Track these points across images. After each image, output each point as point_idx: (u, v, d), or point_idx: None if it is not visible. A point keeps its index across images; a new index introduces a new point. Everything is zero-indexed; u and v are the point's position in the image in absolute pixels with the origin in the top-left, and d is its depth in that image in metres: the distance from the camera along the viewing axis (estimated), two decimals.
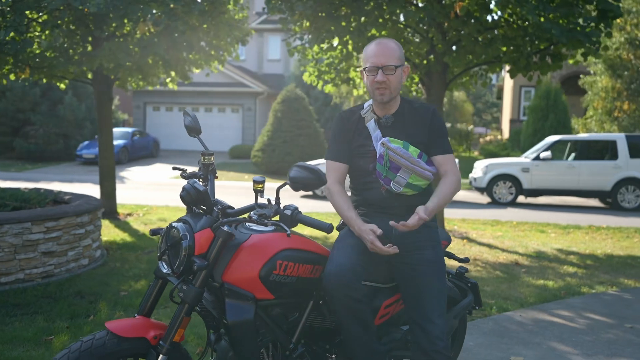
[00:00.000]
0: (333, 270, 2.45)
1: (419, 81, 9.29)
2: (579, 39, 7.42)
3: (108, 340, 2.19)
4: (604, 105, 21.29)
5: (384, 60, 2.67)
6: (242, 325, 2.31)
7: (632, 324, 4.77)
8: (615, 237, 9.69)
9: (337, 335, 2.72)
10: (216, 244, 2.28)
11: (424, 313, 2.61)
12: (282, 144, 20.01)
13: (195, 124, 2.68)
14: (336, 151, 2.84)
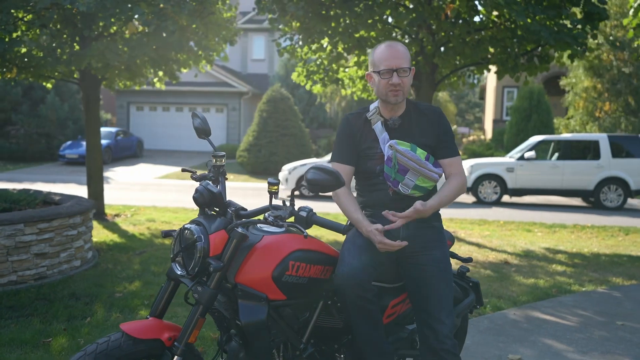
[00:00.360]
0: (345, 271, 2.48)
1: None
2: (567, 41, 7.54)
3: (123, 342, 2.19)
4: (585, 105, 21.60)
5: (399, 63, 2.70)
6: (255, 326, 2.32)
7: (623, 322, 4.86)
8: (600, 235, 9.84)
9: (345, 335, 2.74)
10: (230, 246, 2.30)
11: (432, 312, 2.64)
12: (268, 144, 20.00)
13: (205, 126, 2.69)
14: (342, 154, 2.87)
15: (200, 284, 2.31)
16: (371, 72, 2.81)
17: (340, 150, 2.88)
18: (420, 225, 2.76)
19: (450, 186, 2.77)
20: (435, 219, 2.86)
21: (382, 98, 2.81)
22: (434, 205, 2.65)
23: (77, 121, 23.44)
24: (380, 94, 2.80)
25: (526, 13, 7.07)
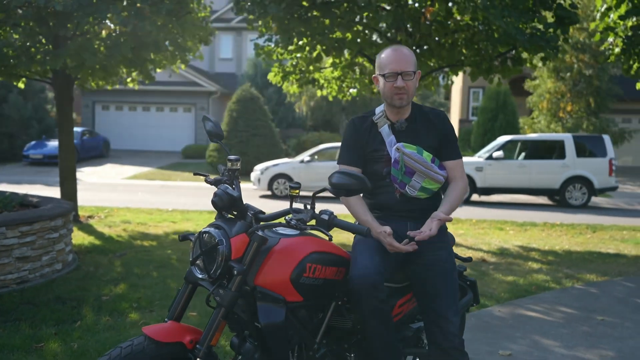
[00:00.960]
0: (360, 273, 2.53)
1: None
2: (540, 44, 7.75)
3: (147, 345, 2.20)
4: (548, 106, 22.14)
5: (403, 66, 2.77)
6: (274, 327, 2.36)
7: (603, 317, 5.04)
8: (569, 233, 10.13)
9: (354, 335, 2.80)
10: (251, 249, 2.33)
11: (440, 311, 2.72)
12: (238, 144, 19.92)
13: (218, 129, 2.70)
14: (349, 156, 2.92)
15: (220, 287, 2.33)
16: (377, 75, 2.88)
17: (347, 153, 2.93)
18: None
19: (455, 191, 2.86)
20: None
21: (387, 101, 2.87)
22: (449, 212, 2.75)
23: (41, 121, 22.94)
24: (385, 97, 2.86)
25: (503, 17, 7.24)
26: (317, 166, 15.57)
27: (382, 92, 2.86)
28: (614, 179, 15.00)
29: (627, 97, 22.57)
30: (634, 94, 22.94)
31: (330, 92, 10.43)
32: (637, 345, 4.38)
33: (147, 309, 4.95)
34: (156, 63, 9.30)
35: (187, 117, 26.51)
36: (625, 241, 9.44)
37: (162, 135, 26.21)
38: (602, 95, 21.75)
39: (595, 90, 21.64)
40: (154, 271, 6.27)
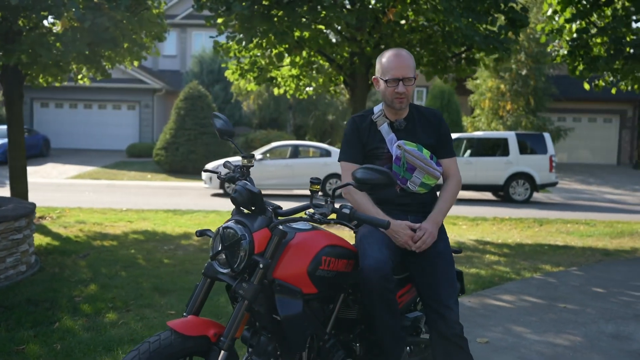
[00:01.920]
0: (372, 264, 2.63)
1: (343, 82, 9.61)
2: (495, 45, 8.07)
3: (174, 339, 2.23)
4: (490, 105, 22.91)
5: (404, 73, 2.88)
6: (293, 319, 2.43)
7: (565, 304, 5.33)
8: (518, 227, 10.57)
9: (359, 325, 2.90)
10: (273, 243, 2.39)
11: (441, 301, 2.85)
12: (186, 142, 19.68)
13: (228, 127, 2.74)
14: (351, 153, 3.02)
15: (242, 280, 2.38)
16: (378, 78, 2.98)
17: (349, 150, 3.03)
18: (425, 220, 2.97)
19: (448, 190, 3.02)
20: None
21: (387, 104, 2.98)
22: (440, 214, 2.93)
23: None
24: (386, 100, 2.97)
25: (463, 19, 7.50)
26: (269, 164, 15.60)
27: (383, 94, 2.97)
28: (554, 174, 15.71)
29: (562, 97, 23.61)
30: (568, 94, 24.08)
31: (287, 90, 10.49)
32: (600, 329, 4.66)
33: (124, 309, 4.89)
34: (112, 60, 9.11)
35: (131, 114, 25.93)
36: (570, 234, 9.93)
37: (105, 134, 25.55)
38: (540, 95, 22.68)
39: (532, 90, 22.54)
40: (121, 271, 6.18)
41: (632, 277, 6.58)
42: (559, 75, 24.15)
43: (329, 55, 9.04)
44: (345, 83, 9.59)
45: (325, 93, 11.12)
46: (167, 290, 5.49)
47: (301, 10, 7.62)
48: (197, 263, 6.69)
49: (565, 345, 4.27)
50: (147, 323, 4.52)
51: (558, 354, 4.11)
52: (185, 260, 6.83)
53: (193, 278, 5.97)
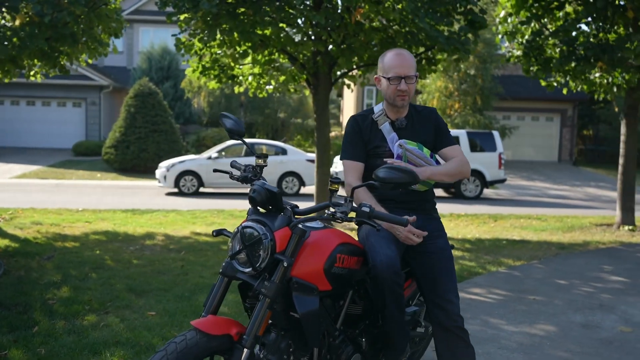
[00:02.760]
0: (384, 261, 2.69)
1: (306, 81, 9.65)
2: (457, 46, 8.28)
3: (199, 339, 2.23)
4: (438, 104, 23.40)
5: (406, 71, 2.96)
6: (311, 316, 2.47)
7: (534, 296, 5.56)
8: (474, 222, 10.89)
9: (363, 321, 2.96)
10: (293, 242, 2.42)
11: (442, 294, 2.95)
12: (137, 141, 19.28)
13: (239, 127, 2.75)
14: (353, 152, 3.07)
15: (263, 279, 2.40)
16: (380, 76, 3.05)
17: (351, 149, 3.08)
18: (425, 217, 3.06)
19: (451, 163, 3.06)
20: (435, 212, 3.19)
21: (389, 101, 3.06)
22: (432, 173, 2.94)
23: None
24: (388, 98, 3.05)
25: (427, 20, 7.67)
26: (225, 163, 15.46)
27: (385, 92, 3.04)
28: (503, 171, 16.23)
29: (507, 96, 24.35)
30: (513, 93, 24.88)
31: (249, 87, 10.45)
32: (570, 319, 4.90)
33: (102, 311, 4.80)
34: (70, 56, 8.86)
35: (77, 112, 25.17)
36: (525, 228, 10.31)
37: (50, 132, 24.71)
38: (486, 94, 23.31)
39: (479, 90, 23.16)
40: (91, 272, 6.05)
41: (590, 269, 6.91)
42: (504, 75, 24.91)
43: (291, 54, 9.07)
44: (307, 82, 9.64)
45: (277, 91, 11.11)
46: (142, 291, 5.41)
47: (269, 8, 7.62)
48: (167, 263, 6.61)
49: (541, 336, 4.47)
50: (129, 325, 4.46)
51: (536, 343, 4.30)
52: (155, 260, 6.74)
53: (166, 278, 5.91)
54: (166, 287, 5.55)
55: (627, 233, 9.78)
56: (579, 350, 4.18)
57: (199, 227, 9.39)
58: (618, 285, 6.16)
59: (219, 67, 9.86)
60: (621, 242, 8.91)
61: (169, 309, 4.89)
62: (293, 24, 8.33)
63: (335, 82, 9.69)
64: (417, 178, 2.48)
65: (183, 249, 7.48)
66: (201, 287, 5.60)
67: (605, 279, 6.43)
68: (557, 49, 9.70)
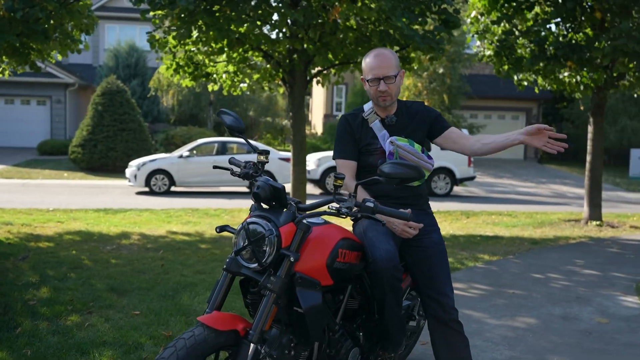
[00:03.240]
0: (384, 256, 2.73)
1: (281, 79, 9.64)
2: (432, 45, 8.40)
3: (207, 335, 2.24)
4: None
5: (385, 72, 2.99)
6: (314, 311, 2.49)
7: (513, 290, 5.69)
8: (448, 219, 11.04)
9: (359, 315, 3.00)
10: (298, 237, 2.44)
11: (438, 288, 3.01)
12: (105, 139, 18.98)
13: (239, 124, 2.76)
14: (346, 150, 3.11)
15: (269, 275, 2.42)
16: (363, 79, 3.10)
17: (343, 147, 3.12)
18: (419, 212, 3.11)
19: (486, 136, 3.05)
20: (428, 207, 3.24)
21: (373, 102, 3.11)
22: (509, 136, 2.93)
23: None
24: (372, 98, 3.10)
25: (403, 19, 7.75)
26: (196, 161, 15.37)
27: (368, 93, 3.09)
28: (472, 169, 16.48)
29: (474, 95, 24.74)
30: (480, 92, 25.27)
31: (224, 86, 10.40)
32: (549, 312, 5.03)
33: (84, 311, 4.73)
34: (42, 52, 8.69)
35: (42, 110, 24.62)
36: (497, 224, 10.50)
37: (13, 130, 24.13)
38: (454, 93, 23.66)
39: (448, 88, 23.48)
40: (70, 273, 5.95)
41: (563, 263, 7.09)
42: (472, 75, 25.29)
43: (267, 52, 9.06)
44: (283, 80, 9.64)
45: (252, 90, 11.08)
46: (124, 290, 5.36)
47: (246, 6, 7.60)
48: (146, 262, 6.54)
49: (523, 328, 4.58)
50: (114, 324, 4.41)
51: (520, 336, 4.40)
52: (133, 259, 6.66)
53: (147, 277, 5.86)
54: (148, 286, 5.50)
55: (595, 228, 10.06)
56: (561, 342, 4.30)
57: (175, 226, 9.32)
58: (591, 278, 6.34)
59: (194, 64, 9.79)
60: (590, 237, 9.16)
61: (154, 308, 4.85)
62: (270, 21, 8.32)
63: (311, 80, 9.71)
64: (422, 173, 2.52)
65: (161, 248, 7.41)
66: (184, 285, 5.56)
67: (578, 272, 6.61)
68: (527, 49, 9.91)
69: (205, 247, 7.52)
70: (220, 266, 6.44)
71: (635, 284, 6.11)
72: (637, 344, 4.31)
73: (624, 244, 8.67)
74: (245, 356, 2.31)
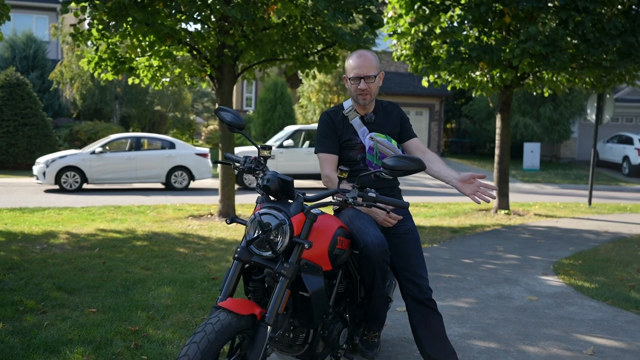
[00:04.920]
0: (375, 241, 2.97)
1: (209, 75, 9.64)
2: (359, 43, 8.75)
3: (231, 319, 2.37)
4: (318, 97, 24.08)
5: (366, 71, 3.24)
6: (319, 294, 2.69)
7: (449, 274, 6.12)
8: None
9: (344, 298, 3.23)
10: (307, 226, 2.62)
11: (415, 271, 3.29)
12: (5, 135, 17.97)
13: (239, 120, 2.88)
14: (327, 145, 3.32)
15: (281, 262, 2.58)
16: (346, 77, 3.32)
17: (325, 142, 3.33)
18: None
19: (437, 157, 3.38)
20: (401, 197, 3.51)
21: (353, 99, 3.34)
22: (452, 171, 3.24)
23: None
24: (352, 96, 3.34)
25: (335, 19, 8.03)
26: (110, 157, 14.93)
27: (349, 91, 3.33)
28: None
29: (380, 91, 25.56)
30: (385, 89, 26.16)
31: (145, 80, 10.23)
32: (485, 292, 5.49)
33: (37, 311, 4.63)
34: None
35: None
36: (416, 215, 11.05)
37: None
38: None
39: None
40: (7, 274, 5.72)
41: (486, 249, 7.67)
42: None
43: (195, 47, 9.05)
44: (210, 76, 9.65)
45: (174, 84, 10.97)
46: (72, 289, 5.26)
47: (180, 1, 7.58)
48: (85, 261, 6.41)
49: (467, 308, 4.99)
50: (74, 322, 4.36)
51: (464, 314, 4.80)
52: (71, 258, 6.50)
53: (92, 275, 5.76)
54: (96, 284, 5.42)
55: (505, 217, 10.86)
56: (502, 318, 4.74)
57: (101, 224, 9.09)
58: (513, 261, 6.93)
59: (117, 58, 9.58)
60: (502, 225, 9.90)
61: (109, 304, 4.82)
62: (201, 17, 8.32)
63: (239, 75, 9.79)
64: (424, 164, 2.77)
65: (95, 246, 7.26)
66: (132, 282, 5.53)
67: (501, 256, 7.19)
68: (442, 50, 10.51)
69: (141, 244, 7.44)
70: (163, 262, 6.44)
71: (552, 265, 6.76)
72: (566, 316, 4.83)
73: (533, 230, 9.46)
74: (263, 337, 2.47)
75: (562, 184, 19.79)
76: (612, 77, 10.39)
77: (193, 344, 2.26)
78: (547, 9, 9.36)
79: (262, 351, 2.46)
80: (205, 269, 6.14)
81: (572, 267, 6.64)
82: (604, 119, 12.87)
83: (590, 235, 9.06)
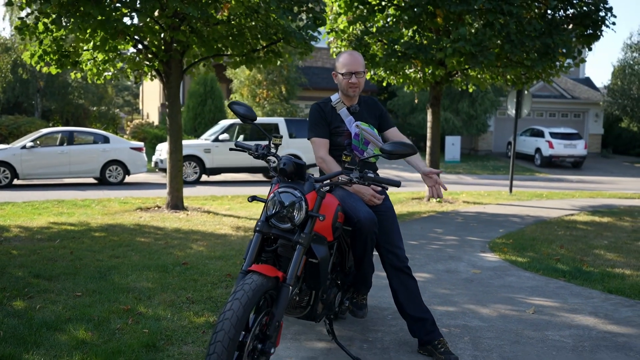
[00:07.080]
0: (367, 216, 3.46)
1: (156, 70, 9.80)
2: (305, 41, 9.22)
3: (262, 280, 2.79)
4: (248, 92, 24.36)
5: (356, 68, 3.75)
6: (325, 261, 3.16)
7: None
8: None
9: (335, 268, 3.70)
10: (318, 202, 3.07)
11: (393, 243, 3.81)
12: None
13: (251, 113, 3.29)
14: (320, 131, 3.80)
15: (299, 232, 3.01)
16: (336, 72, 3.80)
17: (317, 128, 3.80)
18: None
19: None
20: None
21: (344, 92, 3.84)
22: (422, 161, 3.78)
23: None
24: (342, 89, 3.83)
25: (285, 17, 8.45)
26: (42, 152, 14.67)
27: (340, 85, 3.82)
28: None
29: (309, 86, 26.14)
30: (314, 84, 26.76)
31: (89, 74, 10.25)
32: (436, 268, 6.12)
33: (24, 297, 4.79)
34: None
35: None
36: None
37: None
38: (291, 84, 24.84)
39: (285, 80, 24.59)
40: None
41: (427, 232, 8.35)
42: (307, 66, 26.65)
43: (142, 42, 9.21)
44: (157, 71, 9.81)
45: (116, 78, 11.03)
46: (49, 276, 5.43)
47: None
48: (51, 251, 6.53)
49: (422, 280, 5.59)
50: (65, 305, 4.58)
51: (422, 286, 5.33)
52: (35, 250, 6.59)
53: (64, 264, 5.93)
54: (71, 272, 5.61)
55: (437, 204, 11.66)
56: (454, 288, 5.38)
57: (50, 218, 9.10)
58: (453, 242, 7.63)
59: (60, 52, 9.57)
60: (436, 211, 10.67)
61: (93, 288, 5.06)
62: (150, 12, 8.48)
63: (186, 70, 10.01)
64: (416, 149, 3.28)
65: (53, 238, 7.35)
66: (106, 268, 5.75)
67: (442, 238, 7.89)
68: (377, 48, 11.15)
69: (100, 235, 7.59)
70: (129, 250, 6.67)
71: (488, 244, 7.51)
72: (507, 285, 5.53)
73: (465, 215, 10.29)
74: (286, 295, 2.91)
75: (482, 175, 21.10)
76: (531, 75, 11.37)
77: (235, 301, 2.66)
78: (475, 12, 10.16)
79: (284, 307, 2.90)
80: (173, 255, 6.44)
81: (505, 245, 7.42)
82: (522, 113, 13.97)
83: (516, 218, 9.97)
